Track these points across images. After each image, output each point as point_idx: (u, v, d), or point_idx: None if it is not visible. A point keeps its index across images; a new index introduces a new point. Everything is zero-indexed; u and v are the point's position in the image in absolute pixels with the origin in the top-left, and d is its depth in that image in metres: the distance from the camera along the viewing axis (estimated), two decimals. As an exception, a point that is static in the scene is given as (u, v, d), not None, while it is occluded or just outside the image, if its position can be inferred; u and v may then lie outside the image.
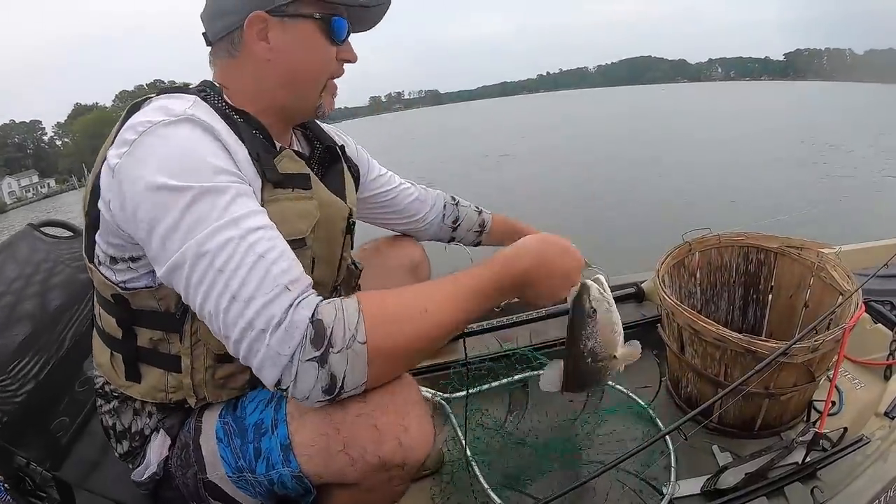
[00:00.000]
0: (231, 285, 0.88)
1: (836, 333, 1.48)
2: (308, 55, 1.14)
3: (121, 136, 0.97)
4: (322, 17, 1.11)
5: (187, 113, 0.97)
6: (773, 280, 2.03)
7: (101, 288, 1.10)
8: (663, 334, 1.84)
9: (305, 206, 1.13)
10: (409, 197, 1.73)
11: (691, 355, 1.71)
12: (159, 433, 1.18)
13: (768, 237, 2.02)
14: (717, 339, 1.55)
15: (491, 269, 1.06)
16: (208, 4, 1.12)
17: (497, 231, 1.87)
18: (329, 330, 0.89)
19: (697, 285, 2.10)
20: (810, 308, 1.88)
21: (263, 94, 1.14)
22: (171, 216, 0.90)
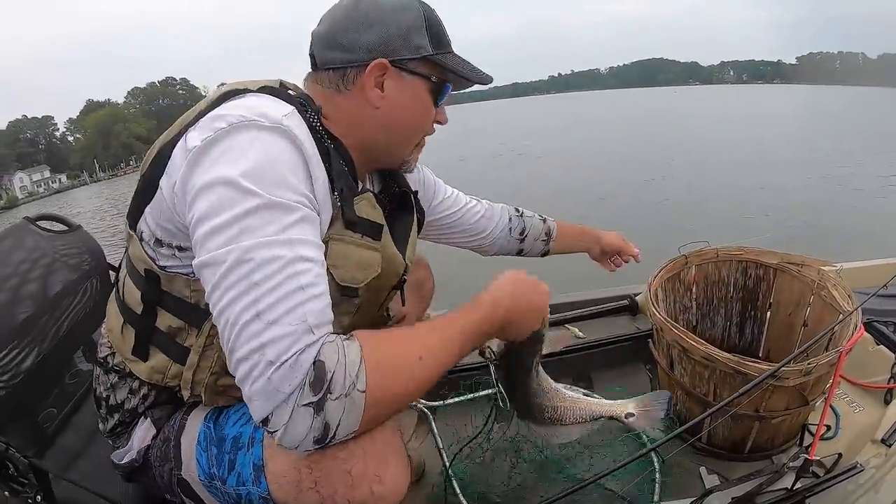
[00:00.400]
0: (260, 303, 0.85)
1: (831, 357, 1.44)
2: (414, 112, 1.16)
3: (209, 120, 0.94)
4: (437, 80, 1.14)
5: (283, 122, 0.94)
6: (772, 297, 1.99)
7: (136, 260, 1.07)
8: (654, 350, 1.80)
9: (370, 257, 1.11)
10: (476, 216, 1.71)
11: (680, 373, 1.67)
12: (146, 421, 1.17)
13: (768, 252, 1.97)
14: (705, 358, 1.51)
15: (477, 313, 1.07)
16: (329, 31, 1.11)
17: (563, 237, 1.87)
18: (330, 374, 0.85)
19: (693, 300, 2.06)
20: (809, 327, 1.84)
21: (359, 133, 1.13)
22: (230, 213, 0.87)
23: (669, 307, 1.98)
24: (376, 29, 1.07)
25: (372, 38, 1.07)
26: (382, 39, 1.07)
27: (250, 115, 0.92)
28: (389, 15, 1.08)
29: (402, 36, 1.08)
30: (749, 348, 2.07)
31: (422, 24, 1.10)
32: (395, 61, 1.08)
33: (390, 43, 1.08)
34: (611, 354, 2.13)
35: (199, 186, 0.89)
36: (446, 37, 1.15)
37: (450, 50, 1.16)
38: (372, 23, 1.07)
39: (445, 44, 1.14)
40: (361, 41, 1.07)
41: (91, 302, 1.65)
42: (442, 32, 1.14)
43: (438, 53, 1.12)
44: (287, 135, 0.93)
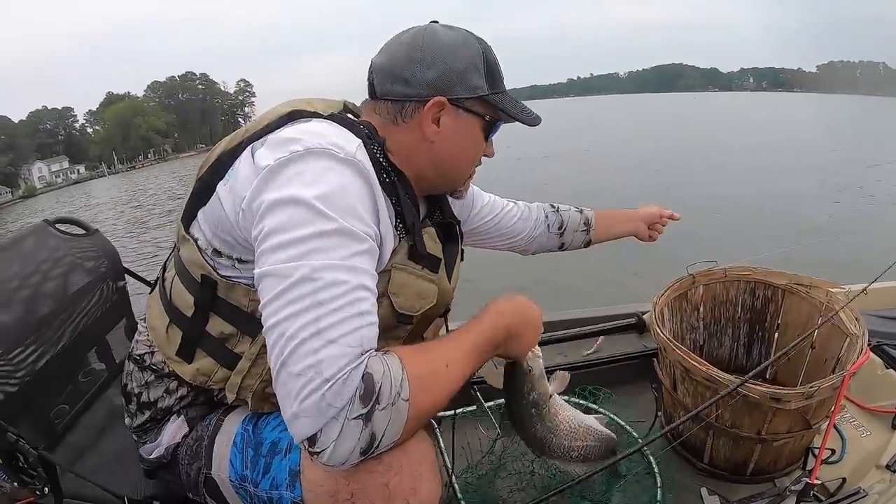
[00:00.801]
0: (322, 321, 0.87)
1: (835, 381, 1.43)
2: (467, 148, 1.20)
3: (282, 142, 0.98)
4: (490, 119, 1.18)
5: (356, 156, 0.98)
6: (780, 318, 1.98)
7: (191, 265, 1.10)
8: (658, 369, 1.81)
9: (428, 289, 1.15)
10: (513, 219, 1.74)
11: (683, 393, 1.67)
12: (179, 418, 1.21)
13: (777, 273, 1.97)
14: (707, 379, 1.51)
15: (485, 323, 1.11)
16: (389, 64, 1.13)
17: (603, 224, 1.88)
18: (378, 386, 0.88)
19: (700, 319, 2.06)
20: (816, 349, 1.82)
21: (413, 165, 1.16)
22: (302, 231, 0.89)
23: (676, 326, 1.98)
24: (437, 66, 1.10)
25: (432, 75, 1.10)
26: (442, 77, 1.10)
27: (325, 144, 0.96)
28: (449, 53, 1.11)
29: (461, 75, 1.11)
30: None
31: (480, 64, 1.13)
32: (453, 99, 1.11)
33: (449, 81, 1.11)
34: (617, 372, 2.13)
35: (271, 202, 0.92)
36: (501, 76, 1.18)
37: (503, 89, 1.19)
38: (433, 60, 1.10)
39: (499, 83, 1.17)
40: (421, 77, 1.10)
41: (106, 304, 1.71)
42: (497, 72, 1.17)
43: (493, 93, 1.15)
44: (359, 169, 0.97)
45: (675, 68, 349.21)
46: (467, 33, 1.15)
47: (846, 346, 1.63)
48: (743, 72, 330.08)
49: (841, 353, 1.65)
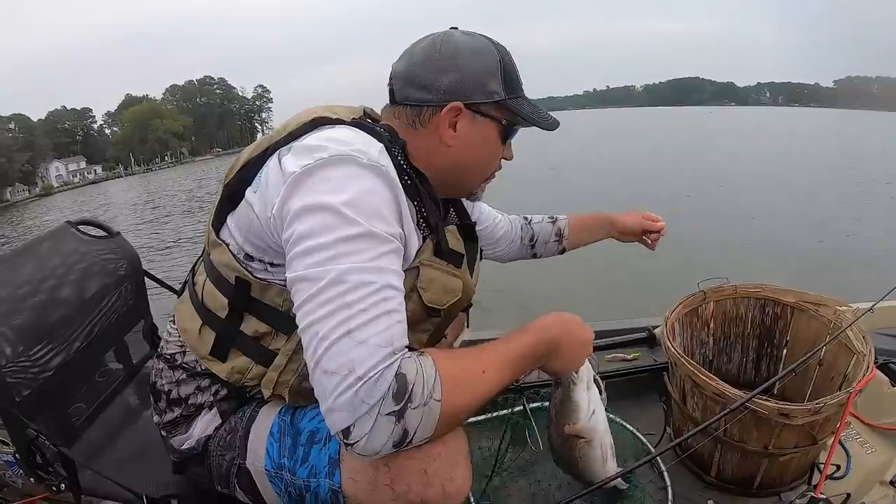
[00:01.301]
0: (352, 322, 0.91)
1: (841, 398, 1.47)
2: (484, 151, 1.23)
3: (307, 149, 1.02)
4: (507, 124, 1.20)
5: (380, 162, 1.01)
6: (789, 335, 2.01)
7: (223, 267, 1.15)
8: (668, 383, 1.84)
9: (454, 283, 1.18)
10: (501, 230, 1.82)
11: (692, 407, 1.70)
12: (211, 411, 1.24)
13: (786, 291, 1.99)
14: (716, 393, 1.54)
15: (528, 335, 1.14)
16: (409, 69, 1.17)
17: (576, 233, 1.92)
18: (411, 386, 0.92)
19: (710, 335, 2.09)
20: (824, 367, 1.85)
21: (431, 168, 1.19)
22: (330, 236, 0.94)
23: (686, 342, 2.01)
24: (453, 72, 1.13)
25: (449, 80, 1.13)
26: (459, 82, 1.13)
27: (350, 151, 1.00)
28: (467, 59, 1.14)
29: (478, 80, 1.14)
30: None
31: (497, 69, 1.16)
32: (469, 104, 1.14)
33: (466, 86, 1.14)
34: (627, 385, 2.16)
35: (300, 208, 0.96)
36: (519, 81, 1.21)
37: (521, 94, 1.21)
38: (450, 66, 1.13)
39: (517, 88, 1.20)
40: (439, 83, 1.13)
41: (125, 306, 1.75)
42: (515, 77, 1.19)
43: (510, 98, 1.18)
44: (382, 173, 1.01)
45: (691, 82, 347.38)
46: (485, 39, 1.18)
47: (853, 364, 1.66)
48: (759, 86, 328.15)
49: (848, 370, 1.68)
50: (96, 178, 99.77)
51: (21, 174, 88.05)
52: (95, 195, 60.81)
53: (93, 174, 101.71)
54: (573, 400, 1.23)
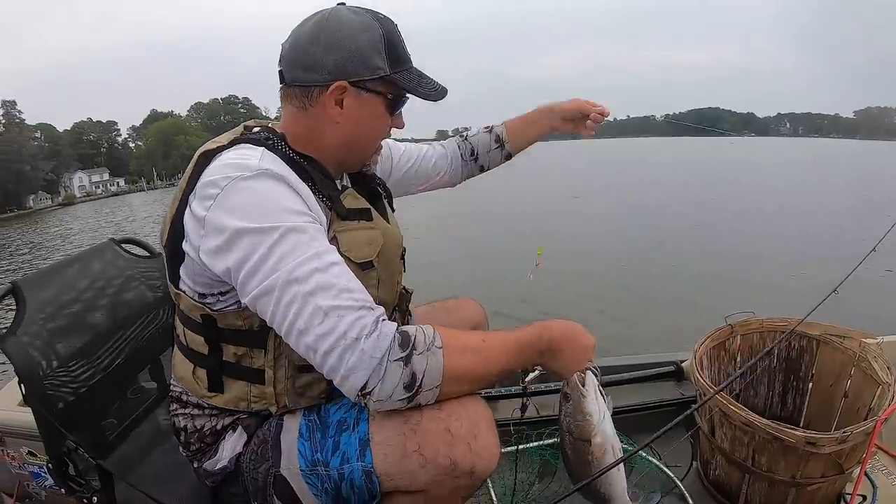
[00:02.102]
0: (322, 305, 1.03)
1: (867, 426, 1.50)
2: (372, 125, 1.29)
3: (203, 189, 1.11)
4: (393, 97, 1.27)
5: (261, 166, 1.11)
6: (815, 368, 2.04)
7: (190, 310, 1.23)
8: (696, 415, 1.86)
9: (372, 234, 1.29)
10: (432, 160, 1.86)
11: (721, 438, 1.73)
12: (236, 430, 1.29)
13: (811, 324, 2.01)
14: (745, 423, 1.58)
15: (531, 328, 1.24)
16: (294, 51, 1.23)
17: (516, 133, 1.92)
18: (413, 337, 1.07)
19: (737, 368, 2.11)
20: (849, 398, 1.88)
21: (323, 146, 1.28)
22: (259, 252, 1.05)
23: (714, 375, 2.04)
24: (337, 51, 1.18)
25: (333, 60, 1.18)
26: (343, 61, 1.19)
27: (234, 173, 1.09)
28: (350, 38, 1.19)
29: (361, 58, 1.19)
30: (791, 418, 2.11)
31: (381, 45, 1.21)
32: (354, 82, 1.20)
33: (350, 65, 1.19)
34: (654, 418, 2.19)
35: (222, 244, 1.07)
36: (404, 54, 1.26)
37: (407, 66, 1.27)
38: (333, 45, 1.19)
39: (403, 61, 1.25)
40: (323, 63, 1.19)
41: (161, 326, 1.79)
42: (399, 51, 1.25)
43: (395, 72, 1.23)
44: (270, 175, 1.11)
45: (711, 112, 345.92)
46: (369, 14, 1.22)
47: (878, 395, 1.69)
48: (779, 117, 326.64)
49: (873, 401, 1.71)
50: (118, 190, 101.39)
51: (45, 182, 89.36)
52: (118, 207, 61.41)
53: (115, 186, 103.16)
54: (585, 411, 1.27)
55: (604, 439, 1.27)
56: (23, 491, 2.05)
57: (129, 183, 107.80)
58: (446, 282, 9.17)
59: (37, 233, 41.38)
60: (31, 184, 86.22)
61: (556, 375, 1.30)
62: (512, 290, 7.99)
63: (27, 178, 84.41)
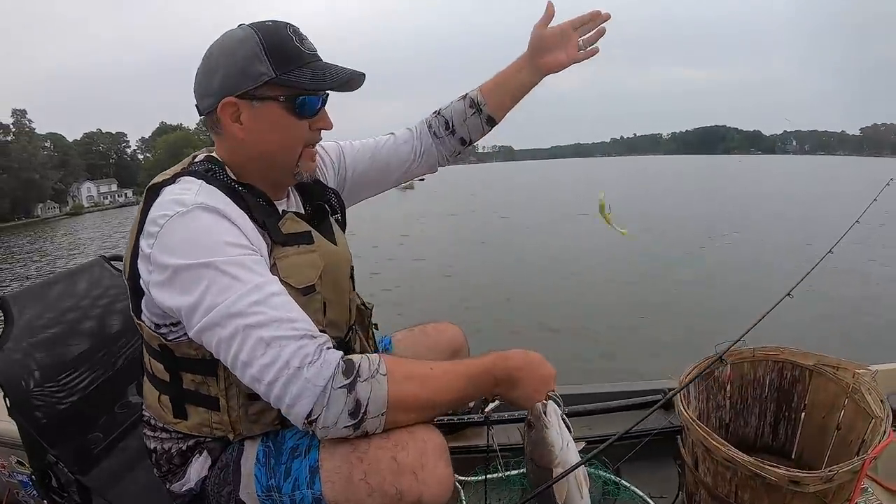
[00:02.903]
0: (264, 336, 1.05)
1: (854, 465, 1.46)
2: (276, 134, 1.27)
3: (147, 228, 1.14)
4: (287, 98, 1.23)
5: (196, 201, 1.13)
6: (807, 398, 1.99)
7: (150, 340, 1.25)
8: (681, 447, 1.83)
9: (311, 258, 1.29)
10: (391, 147, 1.74)
11: (704, 472, 1.69)
12: (202, 454, 1.30)
13: (804, 353, 1.98)
14: (727, 459, 1.54)
15: (487, 357, 1.25)
16: (196, 82, 1.26)
17: (492, 92, 1.74)
18: (357, 364, 1.08)
19: (727, 398, 2.08)
20: (842, 430, 1.83)
21: (244, 166, 1.30)
22: (200, 287, 1.07)
23: (702, 405, 2.01)
24: (220, 71, 1.20)
25: (217, 80, 1.21)
26: (225, 79, 1.20)
27: (170, 211, 1.12)
28: (227, 54, 1.20)
29: (241, 69, 1.19)
30: (782, 449, 2.06)
31: (259, 51, 1.19)
32: (241, 94, 1.20)
33: (232, 80, 1.20)
34: (641, 447, 2.12)
35: (164, 282, 1.09)
36: (295, 53, 1.22)
37: (303, 63, 1.23)
38: (215, 67, 1.21)
39: (293, 60, 1.22)
40: (212, 86, 1.22)
41: None
42: (286, 52, 1.21)
43: (284, 73, 1.20)
44: (206, 208, 1.12)
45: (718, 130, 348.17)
46: (251, 26, 1.22)
47: (871, 429, 1.64)
48: (786, 134, 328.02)
49: (866, 434, 1.66)
50: (126, 201, 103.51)
51: (53, 192, 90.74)
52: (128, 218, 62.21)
53: (123, 197, 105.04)
54: (547, 441, 1.26)
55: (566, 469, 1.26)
56: (12, 498, 2.09)
57: (138, 194, 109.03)
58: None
59: (49, 240, 41.91)
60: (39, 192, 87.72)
61: (516, 406, 1.30)
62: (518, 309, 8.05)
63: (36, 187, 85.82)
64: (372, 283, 11.77)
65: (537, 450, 1.27)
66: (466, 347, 1.87)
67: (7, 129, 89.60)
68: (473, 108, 1.73)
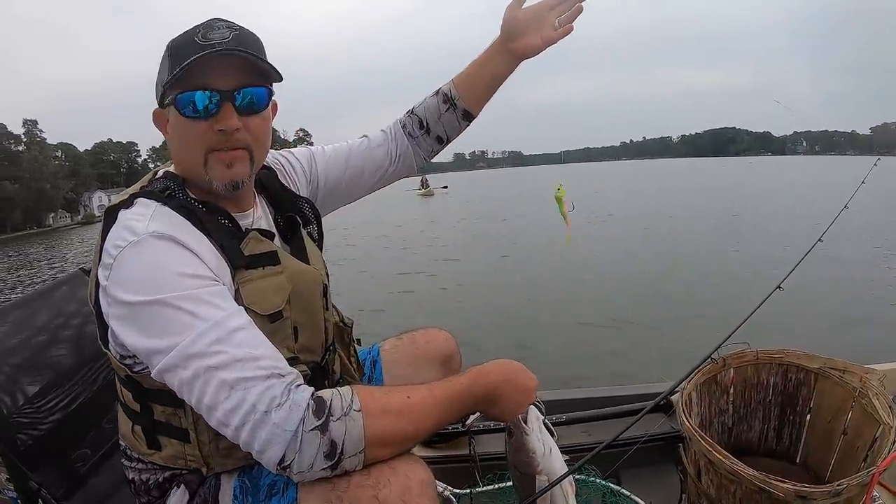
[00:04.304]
0: (227, 378, 0.98)
1: (863, 478, 1.40)
2: (177, 139, 1.21)
3: (103, 257, 1.09)
4: (172, 98, 1.16)
5: (148, 230, 1.07)
6: (812, 402, 1.94)
7: (118, 369, 1.20)
8: (683, 456, 1.78)
9: (276, 281, 1.22)
10: (365, 150, 1.66)
11: (707, 484, 1.64)
12: (179, 488, 1.24)
13: (810, 356, 1.92)
14: (731, 472, 1.49)
15: (465, 377, 1.20)
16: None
17: (465, 84, 1.64)
18: (328, 402, 1.01)
19: (730, 402, 2.03)
20: (849, 436, 1.78)
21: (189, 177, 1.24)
22: (156, 326, 1.00)
23: (704, 410, 1.96)
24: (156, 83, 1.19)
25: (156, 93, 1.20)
26: (156, 91, 1.19)
27: (122, 241, 1.06)
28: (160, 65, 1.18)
29: (158, 81, 1.18)
30: (787, 453, 2.02)
31: (166, 56, 1.15)
32: (160, 103, 1.20)
33: (157, 90, 1.19)
34: (643, 453, 2.08)
35: (121, 316, 1.05)
36: (188, 49, 1.12)
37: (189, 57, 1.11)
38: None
39: (184, 57, 1.11)
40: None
41: None
42: (180, 51, 1.12)
43: (174, 71, 1.12)
44: (157, 237, 1.06)
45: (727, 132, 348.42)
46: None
47: (879, 435, 1.59)
48: (796, 135, 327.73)
49: (873, 440, 1.62)
50: None
51: (64, 201, 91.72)
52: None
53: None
54: (528, 448, 1.25)
55: (550, 476, 1.25)
56: None
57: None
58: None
59: (69, 248, 42.59)
60: (51, 202, 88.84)
61: (497, 421, 1.29)
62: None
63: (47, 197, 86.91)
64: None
65: (519, 456, 1.26)
66: (458, 353, 1.81)
67: (18, 140, 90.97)
68: (447, 104, 1.64)
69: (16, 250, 46.17)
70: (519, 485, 1.32)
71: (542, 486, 1.24)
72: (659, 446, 2.13)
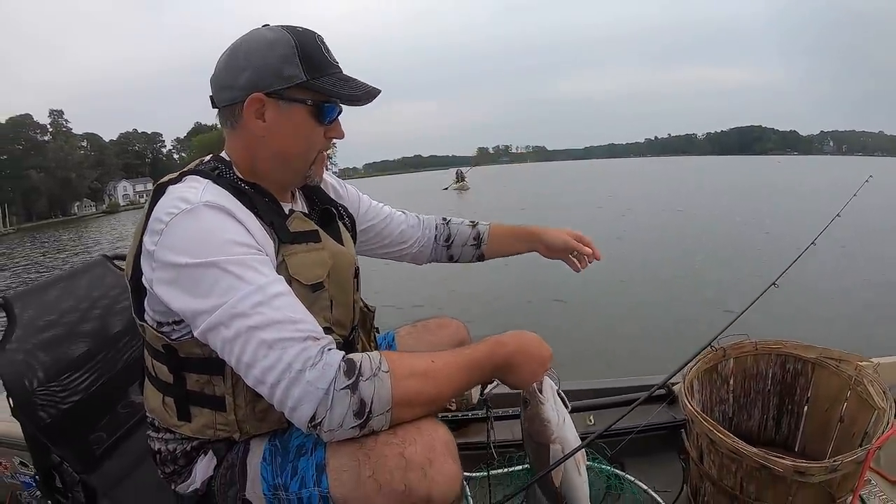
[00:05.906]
0: (266, 338, 1.04)
1: (858, 455, 1.47)
2: (298, 136, 1.29)
3: (151, 225, 1.14)
4: (314, 103, 1.26)
5: (202, 200, 1.13)
6: (810, 391, 1.99)
7: (153, 341, 1.24)
8: (686, 440, 1.84)
9: (319, 256, 1.30)
10: (400, 225, 1.84)
11: (709, 465, 1.70)
12: (207, 454, 1.29)
13: (807, 346, 1.99)
14: (732, 451, 1.54)
15: (484, 345, 1.25)
16: (217, 73, 1.27)
17: (496, 238, 1.92)
18: (359, 364, 1.07)
19: (730, 392, 2.09)
20: (845, 423, 1.84)
21: (258, 164, 1.30)
22: (203, 286, 1.07)
23: (705, 399, 2.01)
24: (250, 67, 1.21)
25: (247, 76, 1.21)
26: (256, 76, 1.21)
27: (175, 208, 1.11)
28: (261, 52, 1.22)
29: (274, 69, 1.21)
30: (785, 442, 2.07)
31: (293, 55, 1.21)
32: (271, 93, 1.22)
33: (263, 78, 1.21)
34: (646, 441, 2.15)
35: (169, 281, 1.10)
36: (325, 61, 1.26)
37: (330, 72, 1.26)
38: (246, 63, 1.22)
39: (323, 67, 1.25)
40: (240, 80, 1.22)
41: None
42: (318, 58, 1.25)
43: (314, 78, 1.23)
44: (209, 206, 1.12)
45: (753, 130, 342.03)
46: (283, 29, 1.25)
47: (874, 420, 1.65)
48: (822, 135, 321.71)
49: (869, 426, 1.67)
50: None
51: (90, 190, 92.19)
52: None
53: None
54: (543, 417, 1.29)
55: (563, 445, 1.29)
56: (14, 500, 2.09)
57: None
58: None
59: (107, 231, 42.84)
60: (76, 191, 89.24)
61: (513, 388, 1.31)
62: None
63: (72, 186, 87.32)
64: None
65: (534, 426, 1.31)
66: (469, 341, 1.84)
67: (45, 129, 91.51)
68: (475, 242, 1.91)
69: (48, 236, 46.36)
70: (533, 456, 1.36)
71: (556, 454, 1.29)
72: (661, 436, 2.19)
